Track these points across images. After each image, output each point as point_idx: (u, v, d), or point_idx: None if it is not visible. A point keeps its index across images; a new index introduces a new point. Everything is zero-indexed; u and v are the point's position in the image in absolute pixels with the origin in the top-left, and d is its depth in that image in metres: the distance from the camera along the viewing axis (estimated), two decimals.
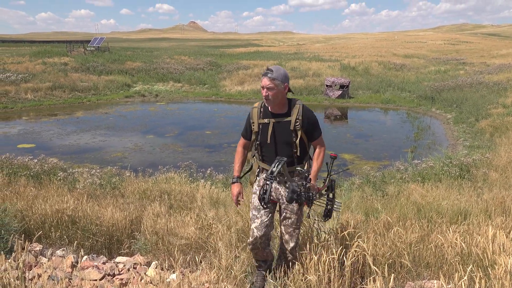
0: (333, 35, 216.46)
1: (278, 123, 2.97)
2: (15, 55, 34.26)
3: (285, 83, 2.90)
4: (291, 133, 2.94)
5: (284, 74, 2.92)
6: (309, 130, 2.98)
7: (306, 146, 3.04)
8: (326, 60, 35.77)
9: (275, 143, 3.00)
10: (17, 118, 17.90)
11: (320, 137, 3.06)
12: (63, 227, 3.47)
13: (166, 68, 30.65)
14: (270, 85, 2.85)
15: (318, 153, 3.05)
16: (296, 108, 2.96)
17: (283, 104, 2.98)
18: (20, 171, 7.07)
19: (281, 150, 2.98)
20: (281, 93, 2.90)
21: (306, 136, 3.00)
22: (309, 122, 2.96)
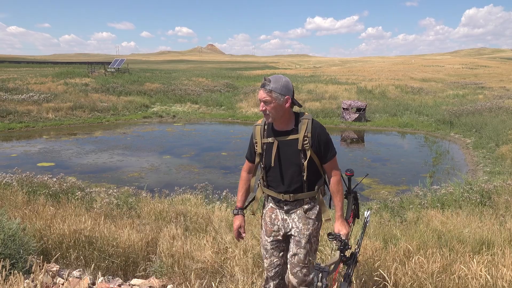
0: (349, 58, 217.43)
1: (283, 142, 2.58)
2: (38, 76, 35.25)
3: (286, 95, 2.51)
4: (298, 154, 2.54)
5: (284, 85, 2.52)
6: (321, 150, 2.56)
7: (318, 168, 2.62)
8: (342, 83, 35.83)
9: (280, 166, 2.62)
10: (38, 136, 18.27)
11: (334, 159, 2.61)
12: (80, 248, 3.48)
13: (184, 90, 31.10)
14: (267, 98, 2.50)
15: (336, 182, 2.59)
16: (304, 123, 2.55)
17: (288, 120, 2.59)
18: (39, 190, 7.16)
19: (288, 173, 2.60)
20: (281, 107, 2.51)
21: (318, 157, 2.58)
22: (320, 140, 2.54)
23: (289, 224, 2.68)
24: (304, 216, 2.64)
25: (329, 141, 2.60)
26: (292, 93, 2.57)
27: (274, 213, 2.72)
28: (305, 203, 2.65)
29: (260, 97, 2.55)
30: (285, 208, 2.68)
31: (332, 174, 2.63)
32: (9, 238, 2.86)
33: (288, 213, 2.68)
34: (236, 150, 15.54)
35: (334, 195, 2.60)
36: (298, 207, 2.66)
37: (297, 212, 2.65)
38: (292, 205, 2.67)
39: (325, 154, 2.58)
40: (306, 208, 2.65)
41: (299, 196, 2.62)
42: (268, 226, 2.73)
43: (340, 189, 2.60)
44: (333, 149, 2.62)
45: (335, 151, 2.64)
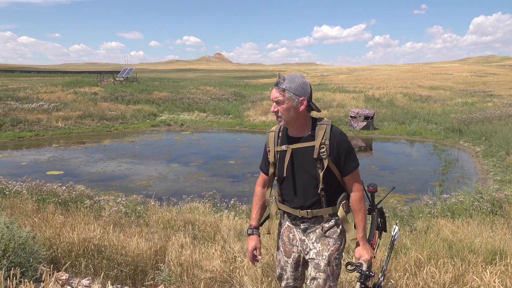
0: (357, 66, 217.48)
1: (297, 150, 2.30)
2: (48, 85, 35.67)
3: (302, 96, 2.23)
4: (314, 163, 2.25)
5: (300, 85, 2.24)
6: (340, 160, 2.25)
7: (339, 181, 2.31)
8: (350, 91, 35.80)
9: (293, 177, 2.34)
10: (47, 145, 18.44)
11: (356, 171, 2.30)
12: (89, 256, 3.48)
13: (192, 98, 31.26)
14: (279, 98, 2.24)
15: (358, 199, 2.28)
16: (322, 129, 2.26)
17: (304, 125, 2.31)
18: (49, 198, 7.20)
19: (302, 185, 2.32)
20: (295, 109, 2.24)
21: (337, 168, 2.28)
22: (340, 149, 2.24)
23: (307, 245, 2.38)
24: (322, 236, 2.33)
25: (351, 151, 2.29)
26: (309, 95, 2.28)
27: (292, 233, 2.45)
28: (324, 220, 2.34)
29: (272, 96, 2.28)
30: (302, 227, 2.38)
31: (354, 189, 2.30)
32: (19, 246, 2.88)
33: (306, 233, 2.38)
34: (244, 159, 15.55)
35: (355, 213, 2.29)
36: (316, 225, 2.35)
37: (316, 231, 2.36)
38: (310, 222, 2.36)
39: (346, 166, 2.27)
40: (326, 226, 2.33)
41: (317, 212, 2.32)
42: (287, 247, 2.46)
43: (362, 207, 2.28)
44: (355, 161, 2.30)
45: (358, 163, 2.32)
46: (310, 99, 2.30)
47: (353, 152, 2.32)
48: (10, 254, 2.79)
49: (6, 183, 7.90)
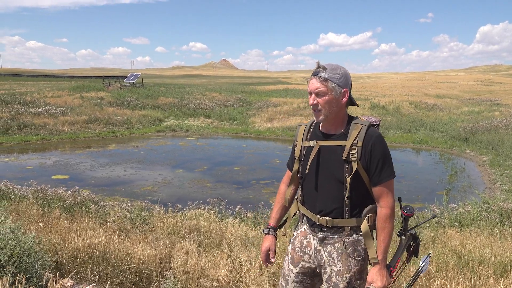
0: (362, 74, 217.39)
1: (326, 148, 2.07)
2: (55, 89, 35.89)
3: (344, 87, 2.02)
4: (342, 165, 2.01)
5: (343, 75, 2.02)
6: (372, 166, 1.98)
7: (368, 190, 2.04)
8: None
9: (316, 176, 2.10)
10: (53, 149, 18.49)
11: (389, 182, 2.00)
12: (94, 263, 3.46)
13: (197, 104, 31.34)
14: (321, 89, 1.99)
15: (384, 216, 1.99)
16: (357, 128, 2.02)
17: (340, 121, 2.08)
18: (54, 203, 7.20)
19: (326, 188, 2.07)
20: (337, 102, 2.01)
21: (368, 175, 2.01)
22: (374, 153, 1.98)
23: (323, 257, 2.11)
24: (344, 253, 2.05)
25: (387, 158, 2.01)
26: (350, 87, 2.07)
27: (307, 239, 2.19)
28: (346, 233, 2.06)
29: (311, 88, 2.02)
30: (320, 236, 2.12)
31: (382, 204, 2.00)
32: (24, 252, 2.85)
33: (323, 243, 2.11)
34: (249, 165, 15.50)
35: (378, 232, 2.01)
36: (336, 237, 2.08)
37: (335, 245, 2.08)
38: (329, 232, 2.09)
39: (377, 174, 1.99)
40: (348, 241, 2.05)
41: (338, 222, 2.05)
42: (297, 254, 2.20)
43: (387, 227, 1.99)
44: (390, 171, 2.01)
45: (393, 173, 2.02)
46: (350, 90, 2.09)
47: (389, 160, 2.02)
48: (15, 260, 2.77)
49: (12, 187, 7.91)
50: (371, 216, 2.04)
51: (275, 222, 2.33)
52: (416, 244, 2.16)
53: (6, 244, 2.84)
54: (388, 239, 1.99)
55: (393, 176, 2.02)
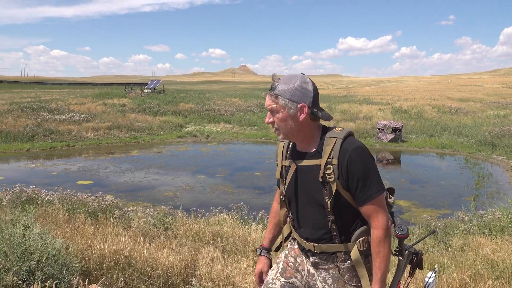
0: (383, 78, 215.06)
1: (302, 169, 1.84)
2: (79, 97, 36.67)
3: (300, 102, 1.74)
4: (320, 188, 1.77)
5: (298, 88, 1.75)
6: (353, 184, 1.72)
7: (355, 209, 1.80)
8: (377, 103, 35.34)
9: (297, 201, 1.89)
10: (77, 155, 18.84)
11: (377, 200, 1.73)
12: (120, 269, 3.46)
13: (217, 110, 31.50)
14: (273, 106, 1.77)
15: (377, 239, 1.74)
16: (330, 143, 1.75)
17: (310, 138, 1.82)
18: (79, 208, 7.30)
19: (309, 213, 1.86)
20: (293, 119, 1.76)
21: (351, 195, 1.76)
22: (352, 169, 1.70)
23: (316, 282, 1.91)
24: (341, 280, 1.85)
25: (368, 172, 1.73)
26: (311, 100, 1.77)
27: (301, 258, 2.00)
28: (339, 260, 1.84)
29: (266, 104, 1.82)
30: (312, 260, 1.91)
31: (373, 225, 1.75)
32: (53, 257, 2.87)
33: (317, 268, 1.91)
34: (269, 170, 15.43)
35: (373, 257, 1.76)
36: (329, 263, 1.88)
37: (330, 271, 1.87)
38: (321, 258, 1.88)
39: (360, 192, 1.72)
40: (344, 268, 1.84)
41: (327, 248, 1.83)
42: (290, 265, 1.99)
43: (382, 251, 1.73)
44: (376, 185, 1.73)
45: (381, 188, 1.75)
46: (314, 104, 1.79)
47: (373, 174, 1.73)
48: (44, 266, 2.78)
49: (38, 193, 8.05)
50: (364, 239, 1.79)
51: (268, 242, 2.14)
52: (419, 257, 1.94)
53: (35, 249, 2.86)
54: (385, 265, 1.74)
55: (381, 192, 1.75)
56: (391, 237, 1.76)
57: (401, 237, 1.78)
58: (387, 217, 1.75)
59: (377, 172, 1.76)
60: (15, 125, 22.31)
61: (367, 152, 1.76)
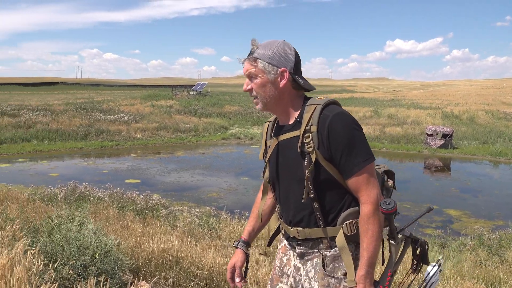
0: (432, 82, 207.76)
1: (283, 143, 1.67)
2: (128, 98, 38.05)
3: (281, 66, 1.60)
4: (300, 160, 1.58)
5: (278, 52, 1.60)
6: (336, 154, 1.52)
7: (344, 187, 1.59)
8: (425, 107, 34.13)
9: (279, 180, 1.72)
10: (126, 154, 19.52)
11: (365, 170, 1.53)
12: (167, 267, 3.54)
13: (261, 113, 31.62)
14: (251, 70, 1.62)
15: (366, 215, 1.53)
16: (309, 111, 1.58)
17: (291, 108, 1.66)
18: (128, 206, 7.56)
19: (290, 192, 1.67)
20: (273, 85, 1.60)
21: (335, 167, 1.55)
22: (334, 136, 1.51)
23: (301, 277, 1.71)
24: (322, 272, 1.63)
25: (354, 138, 1.53)
26: (292, 65, 1.62)
27: (287, 256, 1.80)
28: (325, 246, 1.63)
29: (244, 71, 1.66)
30: (297, 250, 1.72)
31: (361, 200, 1.55)
32: (105, 253, 2.98)
33: (303, 260, 1.71)
34: None
35: (361, 237, 1.55)
36: (315, 251, 1.67)
37: (314, 260, 1.67)
38: (307, 246, 1.69)
39: (346, 161, 1.52)
40: (328, 256, 1.63)
41: (312, 233, 1.63)
42: (276, 273, 1.82)
43: (371, 229, 1.52)
44: (363, 153, 1.53)
45: (370, 156, 1.54)
46: (296, 72, 1.63)
47: (359, 141, 1.53)
48: (97, 261, 2.89)
49: (91, 190, 8.42)
50: (351, 222, 1.58)
51: (247, 234, 1.93)
52: (423, 248, 1.71)
53: (89, 245, 2.98)
54: (373, 246, 1.51)
55: (370, 161, 1.53)
56: (382, 215, 1.52)
57: (387, 211, 1.47)
58: (377, 191, 1.54)
59: (364, 140, 1.56)
60: (69, 125, 23.49)
61: (351, 118, 1.56)
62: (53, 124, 23.35)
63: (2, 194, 7.56)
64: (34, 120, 23.66)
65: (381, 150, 20.65)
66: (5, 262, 2.29)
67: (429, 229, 9.02)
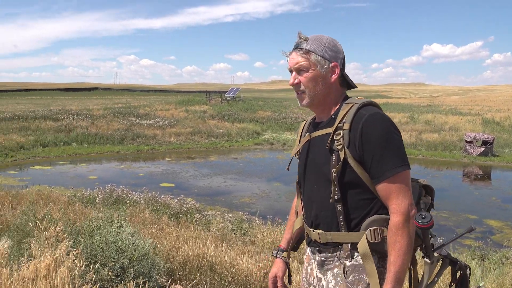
0: (471, 87, 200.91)
1: (315, 140, 1.60)
2: (164, 103, 38.88)
3: (333, 61, 1.54)
4: (328, 158, 1.50)
5: (331, 46, 1.55)
6: (368, 156, 1.43)
7: (370, 191, 1.48)
8: (464, 113, 33.05)
9: (306, 178, 1.63)
10: (161, 159, 19.93)
11: (398, 177, 1.41)
12: (202, 272, 3.58)
13: (294, 118, 31.56)
14: (303, 63, 1.54)
15: (395, 226, 1.40)
16: (344, 109, 1.51)
17: (331, 104, 1.59)
18: (163, 209, 7.71)
19: (315, 191, 1.57)
20: (324, 79, 1.54)
21: (364, 169, 1.46)
22: (368, 137, 1.42)
23: (322, 283, 1.58)
24: (343, 282, 1.49)
25: (389, 142, 1.42)
26: (342, 61, 1.57)
27: (310, 265, 1.67)
28: (345, 254, 1.51)
29: (291, 64, 1.58)
30: (318, 258, 1.60)
31: (391, 209, 1.43)
32: (142, 256, 3.05)
33: (323, 269, 1.57)
34: None
35: (389, 249, 1.42)
36: (335, 260, 1.54)
37: (334, 270, 1.53)
38: (327, 252, 1.56)
39: (377, 165, 1.42)
40: (349, 266, 1.50)
41: (333, 237, 1.52)
42: (304, 285, 1.72)
43: (399, 241, 1.39)
44: (398, 158, 1.42)
45: (405, 163, 1.43)
46: (344, 68, 1.59)
47: (394, 145, 1.42)
48: (135, 264, 2.97)
49: (127, 193, 8.64)
50: (376, 230, 1.45)
51: (285, 243, 1.84)
52: (464, 272, 1.52)
53: (127, 247, 3.07)
54: (401, 260, 1.37)
55: (405, 168, 1.42)
56: (414, 228, 1.41)
57: (423, 226, 1.36)
58: (409, 202, 1.41)
59: (400, 145, 1.44)
60: (107, 129, 24.24)
61: (388, 120, 1.46)
62: (92, 128, 24.18)
63: (44, 195, 7.89)
64: (75, 124, 24.59)
65: (417, 157, 20.14)
66: (50, 262, 2.39)
67: (468, 240, 8.70)
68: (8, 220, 5.02)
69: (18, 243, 3.44)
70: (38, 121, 24.66)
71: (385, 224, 1.46)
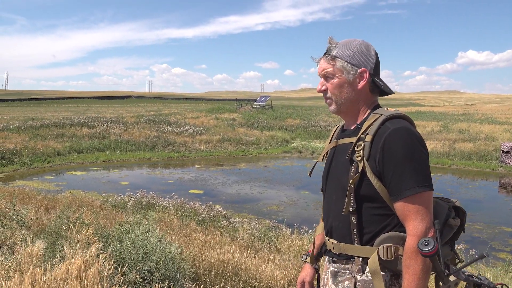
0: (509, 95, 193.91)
1: (339, 148, 1.57)
2: (194, 111, 39.49)
3: (361, 67, 1.49)
4: (348, 167, 1.47)
5: (360, 51, 1.50)
6: (388, 171, 1.37)
7: (388, 207, 1.42)
8: (501, 122, 31.89)
9: (325, 187, 1.62)
10: (190, 165, 20.22)
11: (418, 197, 1.34)
12: (227, 277, 3.63)
13: (324, 126, 31.37)
14: (328, 69, 1.52)
15: (409, 249, 1.34)
16: (371, 119, 1.46)
17: (358, 111, 1.55)
18: (191, 215, 7.84)
19: (333, 200, 1.55)
20: (351, 86, 1.51)
21: (384, 186, 1.39)
22: (390, 152, 1.36)
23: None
24: None
25: (411, 160, 1.35)
26: (373, 66, 1.52)
27: (327, 275, 1.63)
28: (357, 268, 1.47)
29: (319, 70, 1.56)
30: (331, 268, 1.56)
31: (408, 230, 1.37)
32: (169, 261, 3.12)
33: (336, 280, 1.53)
34: None
35: (403, 272, 1.36)
36: (347, 273, 1.50)
37: (345, 283, 1.50)
38: (340, 263, 1.52)
39: (397, 182, 1.35)
40: (360, 280, 1.45)
41: (346, 249, 1.48)
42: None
43: (413, 265, 1.33)
44: (418, 178, 1.35)
45: (426, 183, 1.35)
46: (376, 73, 1.53)
47: (416, 163, 1.35)
48: (161, 268, 3.04)
49: (157, 199, 8.83)
50: (390, 247, 1.39)
51: (314, 248, 1.82)
52: None
53: (154, 251, 3.15)
54: (415, 286, 1.32)
55: (424, 189, 1.34)
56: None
57: (425, 254, 1.28)
58: (427, 224, 1.34)
59: (424, 163, 1.37)
60: (139, 136, 24.83)
61: (415, 135, 1.38)
62: (124, 135, 24.83)
63: (78, 200, 8.17)
64: (108, 131, 25.32)
65: (451, 167, 19.61)
66: (81, 263, 2.50)
67: (503, 253, 8.40)
68: (43, 223, 5.22)
69: (52, 245, 3.59)
70: (74, 128, 25.55)
71: (401, 242, 1.40)
